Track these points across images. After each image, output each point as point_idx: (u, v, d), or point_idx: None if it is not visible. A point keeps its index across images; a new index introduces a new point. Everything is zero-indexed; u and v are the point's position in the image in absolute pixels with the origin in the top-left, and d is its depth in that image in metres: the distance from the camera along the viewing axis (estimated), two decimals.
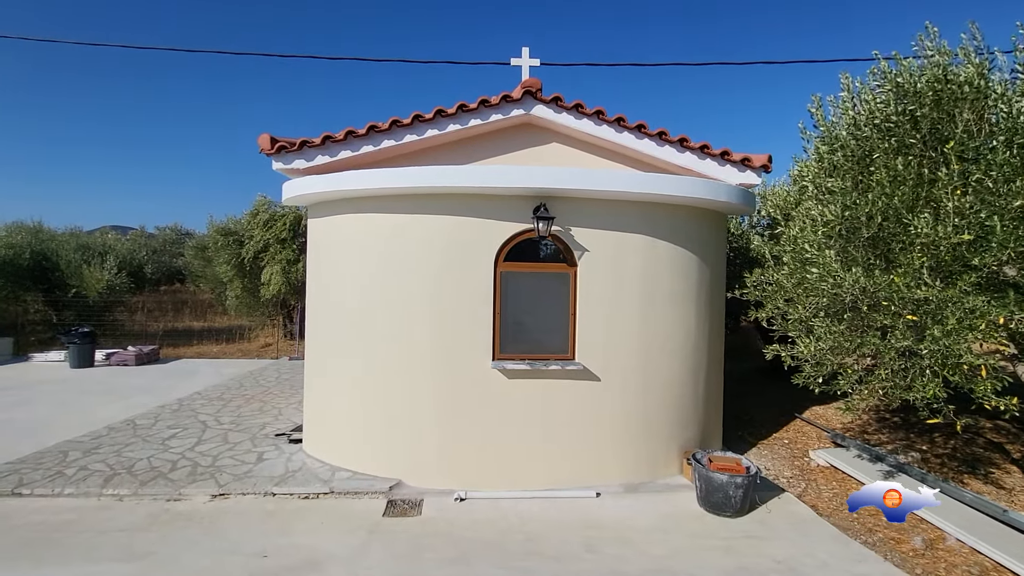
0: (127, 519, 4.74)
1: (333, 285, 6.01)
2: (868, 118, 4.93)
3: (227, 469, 5.73)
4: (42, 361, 12.22)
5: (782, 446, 7.07)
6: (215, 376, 10.79)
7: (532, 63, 6.67)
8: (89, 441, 6.60)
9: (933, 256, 4.31)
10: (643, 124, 6.16)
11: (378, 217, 5.60)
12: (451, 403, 5.45)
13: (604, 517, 4.92)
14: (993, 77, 4.50)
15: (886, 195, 4.50)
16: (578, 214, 5.42)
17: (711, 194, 5.60)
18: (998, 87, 4.40)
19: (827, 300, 4.69)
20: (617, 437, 5.62)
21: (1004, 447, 6.64)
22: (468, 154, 6.39)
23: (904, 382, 4.56)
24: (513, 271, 5.47)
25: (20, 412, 7.96)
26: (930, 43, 4.68)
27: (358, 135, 5.91)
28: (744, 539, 4.56)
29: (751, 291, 5.59)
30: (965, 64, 4.46)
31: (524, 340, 5.52)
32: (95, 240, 18.29)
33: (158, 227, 28.99)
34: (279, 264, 13.44)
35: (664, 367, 5.76)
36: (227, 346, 15.17)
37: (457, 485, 5.35)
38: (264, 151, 5.84)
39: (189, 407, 8.27)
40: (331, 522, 4.73)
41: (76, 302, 14.88)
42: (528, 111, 6.16)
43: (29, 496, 5.14)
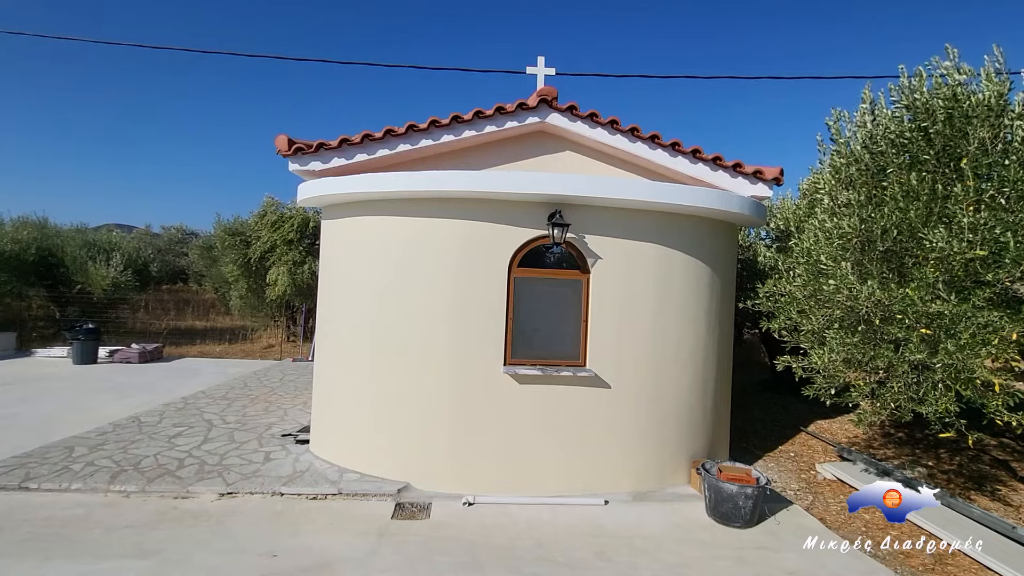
0: (135, 516, 4.72)
1: (345, 286, 6.03)
2: (883, 133, 4.98)
3: (234, 468, 5.71)
4: (45, 357, 12.20)
5: (788, 459, 7.06)
6: (219, 376, 10.77)
7: (548, 72, 6.74)
8: (95, 437, 6.58)
9: (947, 271, 4.35)
10: (657, 135, 6.22)
11: (393, 220, 5.63)
12: (461, 407, 5.45)
13: (613, 525, 4.91)
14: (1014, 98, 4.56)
15: (900, 209, 4.54)
16: (592, 222, 5.45)
17: (724, 205, 5.64)
18: (1017, 106, 4.45)
19: (841, 312, 4.72)
20: (626, 445, 5.62)
21: (1010, 464, 6.64)
22: (482, 160, 6.44)
23: (917, 395, 4.58)
24: (526, 277, 5.50)
25: (24, 407, 7.93)
26: (949, 63, 4.74)
27: (375, 138, 5.96)
28: (755, 550, 4.56)
29: (763, 302, 5.62)
30: (985, 83, 4.52)
31: (536, 346, 5.53)
32: (101, 237, 18.28)
33: (163, 226, 29.16)
34: (286, 265, 13.47)
35: (674, 376, 5.77)
36: (229, 346, 15.15)
37: (466, 489, 5.34)
38: (281, 152, 5.88)
39: (194, 406, 8.26)
40: (340, 523, 4.72)
41: (80, 298, 14.88)
42: (543, 119, 6.21)
43: (36, 491, 5.12)
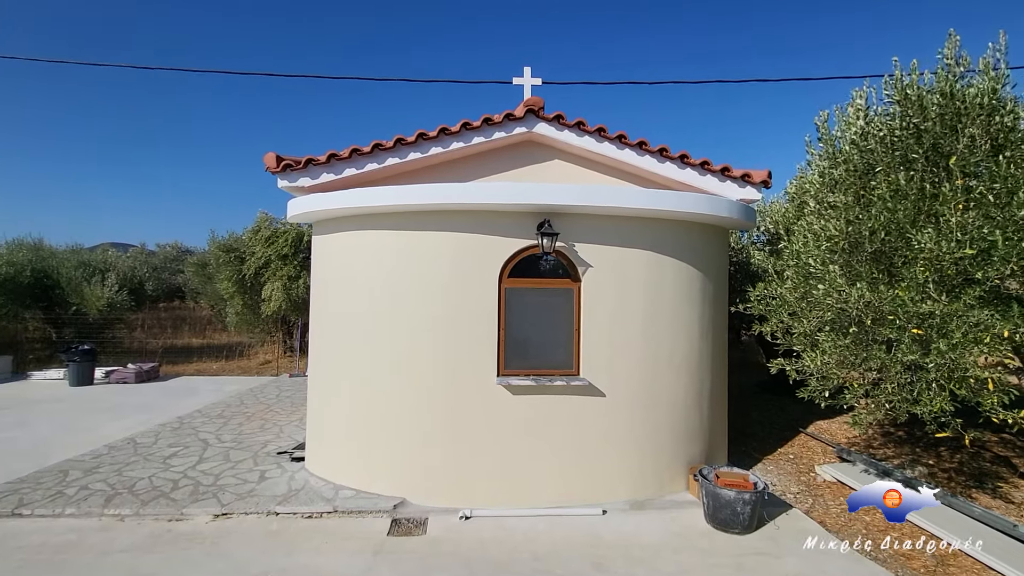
0: (129, 540, 4.67)
1: (337, 301, 6.02)
2: (873, 131, 4.98)
3: (229, 488, 5.67)
4: (41, 379, 12.15)
5: (787, 461, 7.03)
6: (215, 393, 10.72)
7: (534, 82, 6.77)
8: (89, 460, 6.53)
9: (937, 270, 4.34)
10: (644, 141, 6.23)
11: (383, 234, 5.63)
12: (455, 420, 5.43)
13: (611, 535, 4.87)
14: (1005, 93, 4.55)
15: (888, 209, 4.55)
16: (581, 230, 5.45)
17: (713, 210, 5.65)
18: (1009, 102, 4.45)
19: (832, 314, 4.71)
20: (622, 453, 5.59)
21: (1011, 461, 6.60)
22: (472, 171, 6.45)
23: (911, 396, 4.56)
24: (517, 287, 5.49)
25: (19, 431, 7.89)
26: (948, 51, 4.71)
27: (363, 153, 5.97)
28: (754, 556, 4.52)
29: (755, 305, 5.61)
30: (982, 74, 4.50)
31: (529, 356, 5.52)
32: (96, 257, 18.27)
33: (159, 244, 29.10)
34: (280, 280, 13.44)
35: (669, 382, 5.75)
36: (226, 363, 15.09)
37: (462, 503, 5.30)
38: (270, 169, 5.89)
39: (190, 425, 8.21)
40: (335, 542, 4.67)
41: (76, 319, 14.83)
42: (531, 129, 6.23)
43: (30, 517, 5.07)
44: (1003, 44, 4.60)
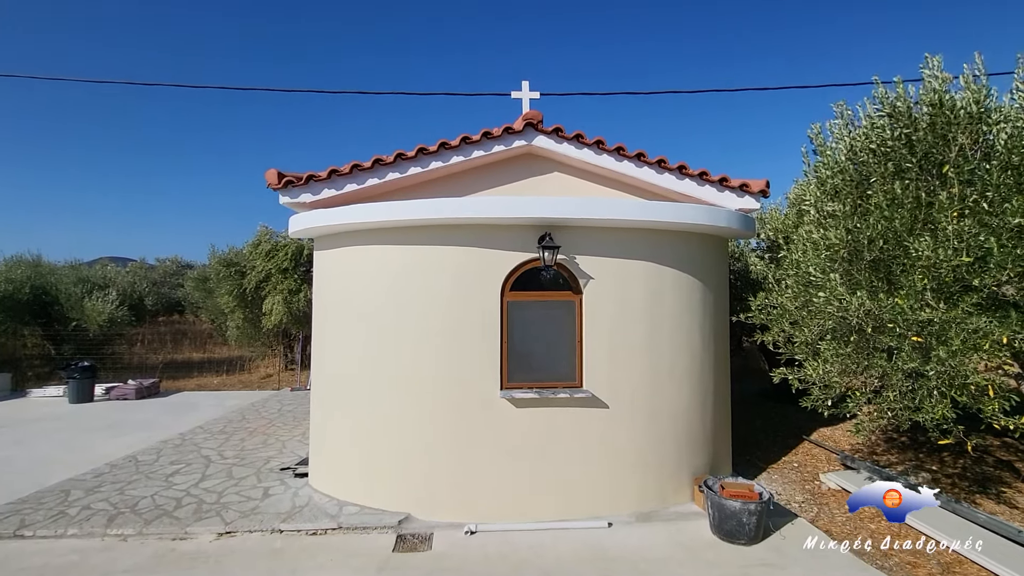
0: (132, 560, 4.65)
1: (339, 316, 6.03)
2: (864, 143, 5.05)
3: (233, 506, 5.65)
4: (40, 397, 12.09)
5: (792, 469, 7.02)
6: (216, 409, 10.69)
7: (532, 95, 6.84)
8: (91, 479, 6.50)
9: (935, 278, 4.38)
10: (642, 153, 6.29)
11: (385, 249, 5.65)
12: (459, 434, 5.42)
13: (617, 548, 4.86)
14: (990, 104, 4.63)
15: (885, 218, 4.59)
16: (582, 242, 5.49)
17: (712, 220, 5.69)
18: (994, 113, 4.52)
19: (833, 323, 4.73)
20: (627, 465, 5.58)
21: (1014, 465, 6.60)
22: (472, 185, 6.50)
23: (912, 403, 4.57)
24: (519, 300, 5.51)
25: (19, 450, 7.85)
26: (928, 71, 4.81)
27: (363, 168, 6.01)
28: (761, 567, 4.51)
29: (756, 314, 5.64)
30: (965, 90, 4.59)
31: (532, 369, 5.53)
32: (95, 272, 18.27)
33: (158, 259, 29.09)
34: (281, 294, 13.45)
35: (672, 392, 5.76)
36: (227, 377, 15.06)
37: (467, 518, 5.28)
38: (271, 186, 5.93)
39: (192, 441, 8.18)
40: (340, 559, 4.65)
41: (75, 335, 14.80)
42: (530, 142, 6.29)
43: (32, 538, 5.05)
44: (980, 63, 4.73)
